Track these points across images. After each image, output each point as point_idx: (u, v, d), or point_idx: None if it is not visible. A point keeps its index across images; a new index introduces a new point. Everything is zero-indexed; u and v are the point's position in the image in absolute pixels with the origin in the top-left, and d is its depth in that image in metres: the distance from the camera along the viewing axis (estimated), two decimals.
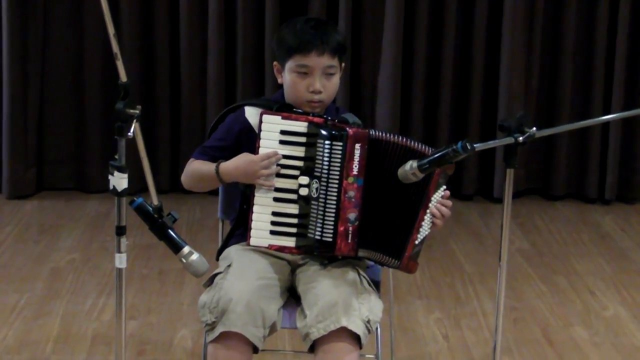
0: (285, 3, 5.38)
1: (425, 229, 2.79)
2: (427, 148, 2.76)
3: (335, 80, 2.89)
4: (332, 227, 2.74)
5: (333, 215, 2.74)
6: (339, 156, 2.72)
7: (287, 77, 2.88)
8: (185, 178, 2.94)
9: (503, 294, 2.78)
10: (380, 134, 2.75)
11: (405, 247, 2.77)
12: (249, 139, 2.86)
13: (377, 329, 2.82)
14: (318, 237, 2.74)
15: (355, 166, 2.73)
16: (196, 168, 2.90)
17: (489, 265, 4.62)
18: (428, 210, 2.77)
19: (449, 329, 3.96)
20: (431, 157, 2.53)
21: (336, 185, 2.73)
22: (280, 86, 2.96)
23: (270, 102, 2.91)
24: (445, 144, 2.65)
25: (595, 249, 4.95)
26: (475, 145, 2.49)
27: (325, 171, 2.73)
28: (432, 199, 2.77)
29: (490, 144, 2.65)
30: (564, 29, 5.53)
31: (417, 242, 2.78)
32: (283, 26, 2.95)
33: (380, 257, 2.80)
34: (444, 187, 2.78)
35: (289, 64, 2.87)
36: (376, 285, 2.90)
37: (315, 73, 2.84)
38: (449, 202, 2.80)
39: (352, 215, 2.75)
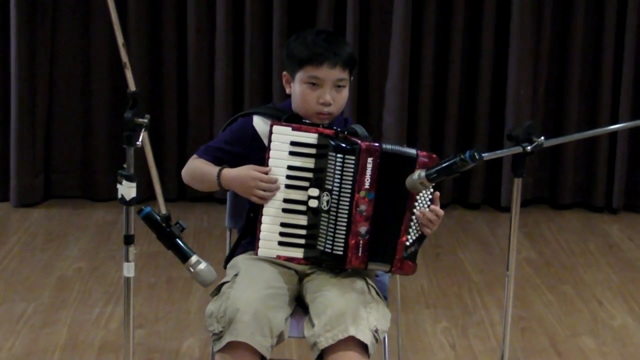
0: (293, 14, 5.39)
1: (414, 229, 2.79)
2: (422, 152, 2.77)
3: (345, 93, 2.90)
4: (343, 240, 2.74)
5: (344, 228, 2.74)
6: (352, 170, 2.72)
7: (297, 87, 2.88)
8: (185, 174, 2.96)
9: (511, 304, 2.77)
10: (391, 147, 2.76)
11: (395, 250, 2.78)
12: (254, 147, 2.88)
13: (384, 338, 2.82)
14: (329, 250, 2.75)
15: (367, 180, 2.73)
16: (199, 167, 2.91)
17: (496, 275, 4.61)
18: (414, 210, 2.78)
19: (457, 338, 3.96)
20: (439, 167, 2.52)
21: (348, 199, 2.73)
22: (288, 96, 2.96)
23: (279, 112, 2.92)
24: (452, 152, 2.66)
25: (603, 258, 4.94)
26: (483, 155, 2.49)
27: (337, 184, 2.73)
28: (418, 198, 2.78)
29: (499, 153, 2.64)
30: (571, 38, 5.53)
31: (407, 243, 2.79)
32: (293, 37, 2.95)
33: (380, 265, 2.81)
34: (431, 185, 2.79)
35: (300, 75, 2.87)
36: (384, 294, 2.89)
37: (326, 85, 2.85)
38: (439, 211, 2.79)
39: (363, 229, 2.75)
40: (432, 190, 2.80)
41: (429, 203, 2.80)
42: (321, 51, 2.84)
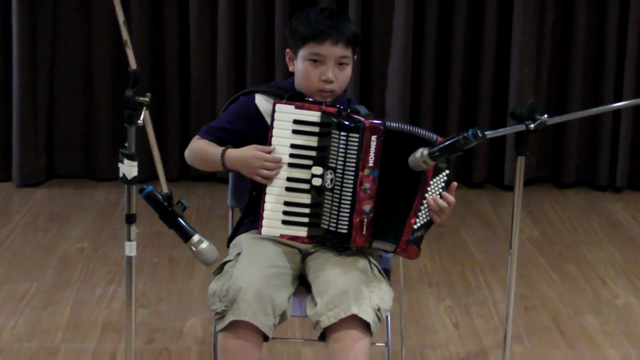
0: None
1: (424, 213, 2.78)
2: (441, 138, 2.76)
3: (348, 70, 2.89)
4: (347, 218, 2.73)
5: (348, 207, 2.73)
6: (355, 148, 2.71)
7: (300, 65, 2.87)
8: (189, 154, 2.95)
9: (514, 282, 2.77)
10: (395, 125, 2.74)
11: (402, 231, 2.77)
12: (257, 126, 2.87)
13: (387, 317, 2.82)
14: (333, 229, 2.74)
15: (371, 158, 2.72)
16: (202, 148, 2.90)
17: (499, 254, 4.61)
18: (426, 195, 2.76)
19: (460, 317, 3.96)
20: (442, 145, 2.52)
21: (352, 177, 2.72)
22: (291, 74, 2.95)
23: (281, 90, 2.91)
24: (456, 131, 2.64)
25: (606, 237, 4.93)
26: (486, 133, 2.48)
27: (341, 163, 2.72)
28: (431, 182, 2.76)
29: (501, 131, 2.64)
30: (574, 16, 5.51)
31: (415, 226, 2.77)
32: (296, 15, 2.94)
33: (384, 244, 2.80)
34: (446, 172, 2.77)
35: (302, 52, 2.86)
36: (386, 273, 2.89)
37: (329, 62, 2.84)
38: (451, 198, 2.78)
39: (367, 207, 2.74)
40: (446, 177, 2.78)
41: (441, 190, 2.79)
42: (323, 28, 2.83)
